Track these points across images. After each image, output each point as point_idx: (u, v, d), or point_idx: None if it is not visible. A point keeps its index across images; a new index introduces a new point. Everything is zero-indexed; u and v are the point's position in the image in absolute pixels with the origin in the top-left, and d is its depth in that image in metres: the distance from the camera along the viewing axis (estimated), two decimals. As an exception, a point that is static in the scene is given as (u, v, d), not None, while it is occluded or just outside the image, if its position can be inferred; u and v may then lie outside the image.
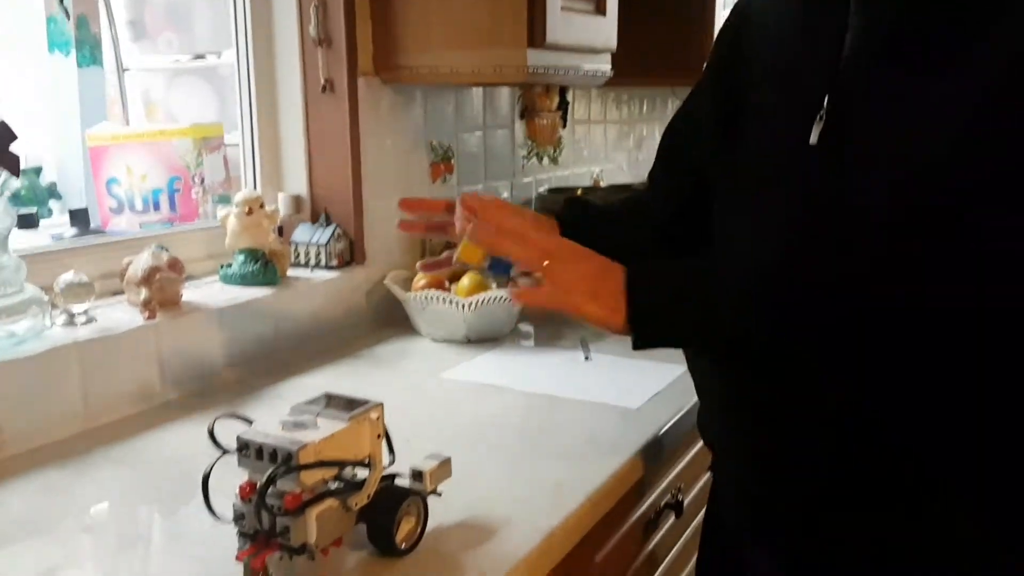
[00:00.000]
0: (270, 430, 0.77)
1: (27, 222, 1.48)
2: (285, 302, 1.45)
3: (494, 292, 1.51)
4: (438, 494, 0.86)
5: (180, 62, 1.98)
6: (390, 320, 1.62)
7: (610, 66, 1.70)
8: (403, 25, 1.53)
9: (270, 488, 0.73)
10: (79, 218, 1.57)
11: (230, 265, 1.45)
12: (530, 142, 2.18)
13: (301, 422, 0.78)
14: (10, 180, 1.10)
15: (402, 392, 1.30)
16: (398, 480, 0.85)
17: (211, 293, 1.40)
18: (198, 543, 0.84)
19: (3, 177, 1.09)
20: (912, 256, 0.67)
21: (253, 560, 0.74)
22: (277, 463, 0.74)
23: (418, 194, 1.76)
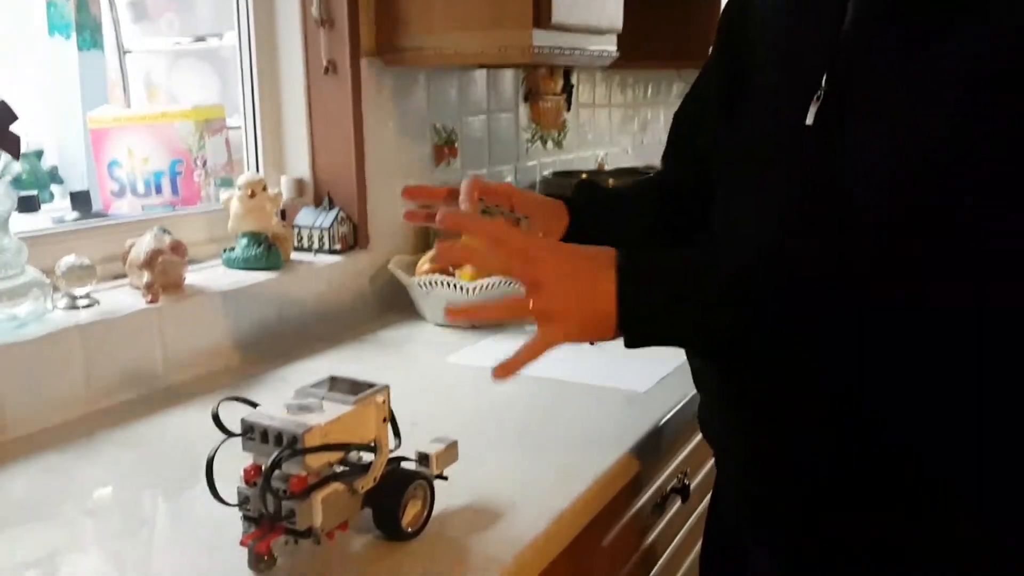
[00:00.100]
0: (275, 413, 0.76)
1: (27, 205, 1.47)
2: (288, 286, 1.44)
3: (498, 276, 1.49)
4: (444, 478, 0.86)
5: (181, 44, 1.97)
6: (394, 304, 1.61)
7: (616, 47, 1.68)
8: (406, 5, 1.51)
9: (275, 471, 0.72)
10: (80, 201, 1.56)
11: (233, 249, 1.44)
12: (534, 125, 2.16)
13: (306, 405, 0.77)
14: (11, 164, 1.09)
15: (407, 376, 1.29)
16: (404, 464, 0.84)
17: (214, 277, 1.39)
18: (202, 527, 0.83)
19: (4, 160, 1.08)
20: (912, 256, 0.67)
21: (258, 544, 0.74)
22: (282, 446, 0.73)
23: (421, 178, 1.75)
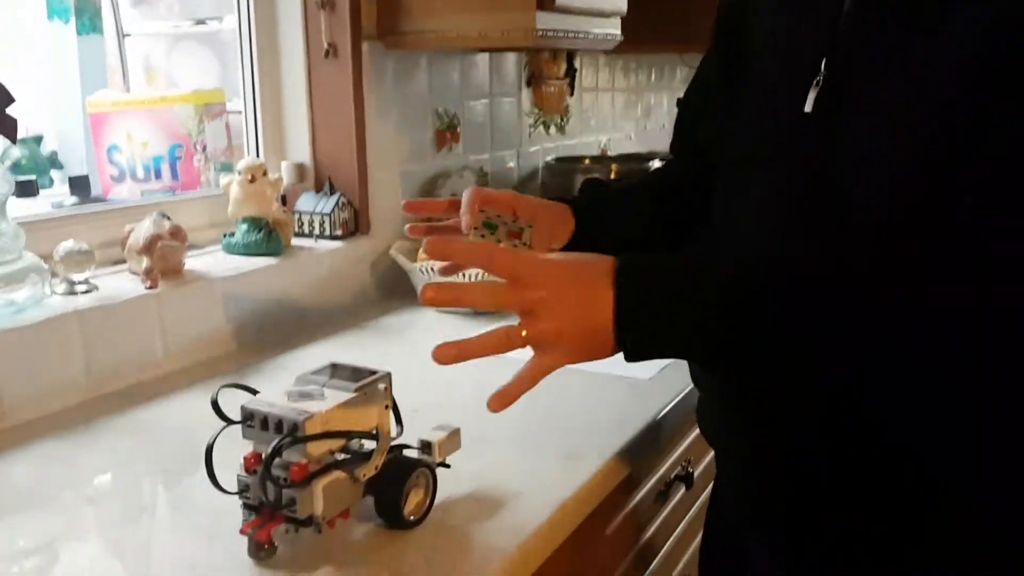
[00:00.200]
0: (275, 400, 0.75)
1: (26, 190, 1.46)
2: (289, 272, 1.43)
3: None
4: (447, 466, 0.85)
5: (181, 27, 1.95)
6: (396, 291, 1.60)
7: (620, 30, 1.66)
8: (408, -13, 1.50)
9: (276, 459, 0.72)
10: (79, 185, 1.55)
11: (233, 234, 1.43)
12: (537, 110, 2.14)
13: (307, 392, 0.76)
14: (10, 149, 1.08)
15: (408, 363, 1.27)
16: (406, 452, 0.83)
17: (214, 262, 1.38)
18: (202, 515, 0.83)
19: (3, 145, 1.07)
20: (912, 256, 0.67)
21: (258, 532, 0.73)
22: (283, 434, 0.72)
23: (423, 163, 1.75)
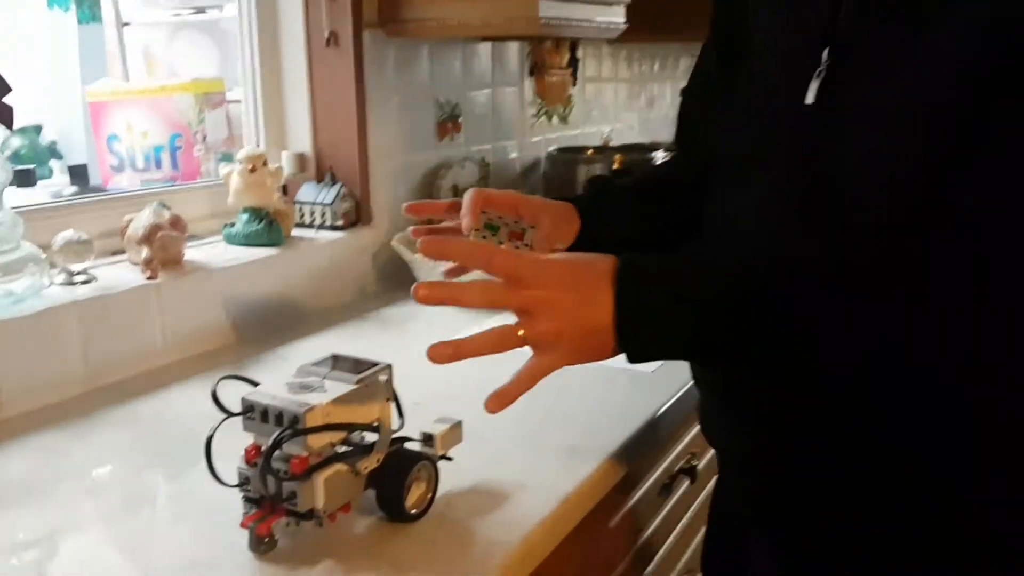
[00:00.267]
0: (276, 392, 0.74)
1: (24, 179, 1.45)
2: (289, 263, 1.42)
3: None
4: (449, 459, 0.84)
5: (181, 16, 1.93)
6: (397, 282, 1.59)
7: (624, 18, 1.65)
8: (410, -25, 1.48)
9: (276, 451, 0.71)
10: (79, 175, 1.54)
11: (233, 224, 1.42)
12: (539, 100, 2.13)
13: (308, 384, 0.76)
14: (9, 138, 1.07)
15: (410, 355, 1.26)
16: (408, 444, 0.82)
17: (214, 253, 1.37)
18: (202, 508, 0.82)
19: (2, 136, 1.06)
20: (912, 256, 0.66)
21: (259, 526, 0.73)
22: (283, 426, 0.72)
23: (424, 153, 1.74)
